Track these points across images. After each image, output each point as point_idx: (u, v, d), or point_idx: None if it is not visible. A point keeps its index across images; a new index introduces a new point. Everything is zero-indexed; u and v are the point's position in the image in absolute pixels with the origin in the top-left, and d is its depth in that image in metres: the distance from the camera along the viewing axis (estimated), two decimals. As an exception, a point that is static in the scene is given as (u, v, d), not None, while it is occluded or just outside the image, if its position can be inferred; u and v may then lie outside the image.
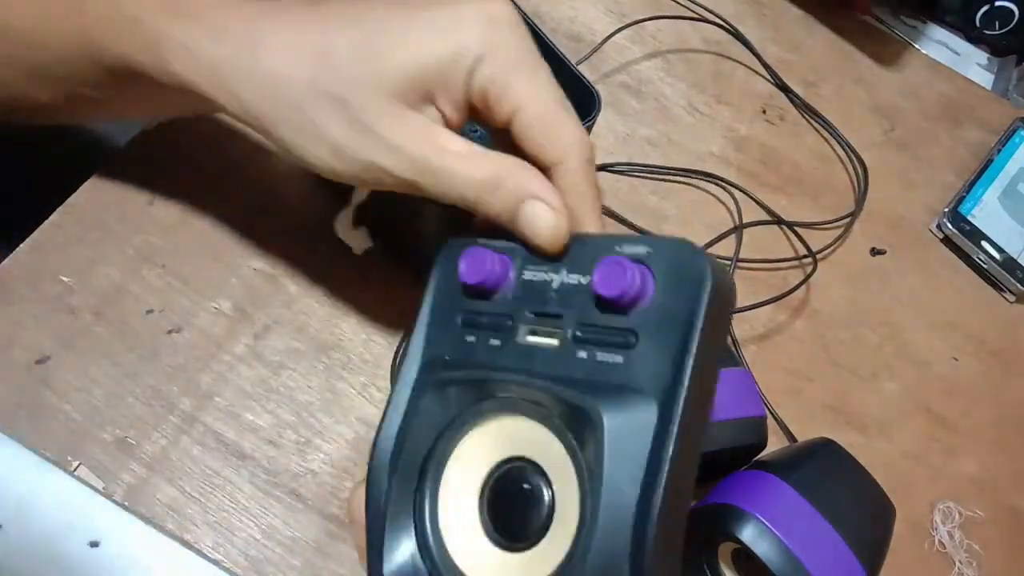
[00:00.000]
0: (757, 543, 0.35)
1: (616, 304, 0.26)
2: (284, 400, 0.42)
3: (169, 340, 0.42)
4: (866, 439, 0.50)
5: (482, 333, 0.29)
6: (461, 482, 0.28)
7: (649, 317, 0.26)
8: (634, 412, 0.25)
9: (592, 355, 0.27)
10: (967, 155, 0.64)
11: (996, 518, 0.50)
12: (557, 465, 0.26)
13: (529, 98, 0.30)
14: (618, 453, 0.24)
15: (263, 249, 0.45)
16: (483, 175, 0.30)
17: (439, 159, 0.30)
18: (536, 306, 0.28)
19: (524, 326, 0.28)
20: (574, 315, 0.27)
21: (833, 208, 0.58)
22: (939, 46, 0.72)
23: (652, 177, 0.56)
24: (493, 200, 0.30)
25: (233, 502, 0.39)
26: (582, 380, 0.26)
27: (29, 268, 0.42)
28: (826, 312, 0.54)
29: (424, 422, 0.29)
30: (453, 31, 0.30)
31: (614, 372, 0.26)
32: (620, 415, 0.25)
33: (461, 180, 0.30)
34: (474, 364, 0.29)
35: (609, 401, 0.25)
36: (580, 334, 0.27)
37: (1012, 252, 0.59)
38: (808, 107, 0.62)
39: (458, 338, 0.30)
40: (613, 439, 0.25)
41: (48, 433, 0.39)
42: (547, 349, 0.28)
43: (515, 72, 0.30)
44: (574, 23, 0.61)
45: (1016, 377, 0.55)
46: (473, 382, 0.28)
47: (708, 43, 0.64)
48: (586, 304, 0.27)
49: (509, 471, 0.28)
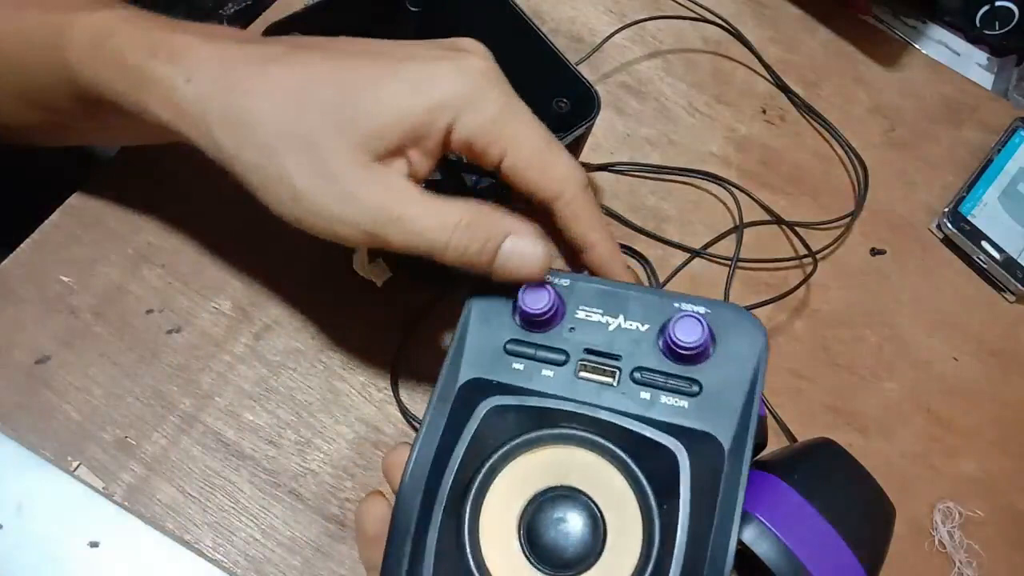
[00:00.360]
0: (757, 543, 0.35)
1: (687, 354, 0.29)
2: (284, 400, 0.42)
3: (169, 340, 0.42)
4: (866, 439, 0.50)
5: (533, 363, 0.30)
6: (504, 505, 0.28)
7: (712, 370, 0.29)
8: (708, 454, 0.27)
9: (656, 396, 0.29)
10: (967, 155, 0.64)
11: (996, 518, 0.50)
12: (614, 497, 0.27)
13: (517, 142, 0.31)
14: (695, 488, 0.27)
15: (263, 249, 0.45)
16: (451, 220, 0.30)
17: (399, 208, 0.30)
18: (591, 345, 0.30)
19: (578, 362, 0.30)
20: (633, 358, 0.29)
21: (833, 208, 0.58)
22: (939, 46, 0.72)
23: (652, 177, 0.56)
24: (467, 244, 0.30)
25: (233, 502, 0.39)
26: (649, 418, 0.28)
27: (29, 268, 0.42)
28: (826, 312, 0.54)
29: (473, 445, 0.29)
30: (430, 87, 0.30)
31: (680, 415, 0.28)
32: (696, 455, 0.27)
33: (427, 227, 0.30)
34: (530, 392, 0.29)
35: (686, 441, 0.27)
36: (640, 376, 0.29)
37: (1012, 252, 0.59)
38: (808, 107, 0.62)
39: (504, 364, 0.30)
40: (690, 477, 0.27)
41: (48, 433, 0.39)
42: (605, 386, 0.29)
43: (499, 121, 0.31)
44: (574, 23, 0.61)
45: (1016, 377, 0.55)
46: (535, 409, 0.29)
47: (708, 43, 0.64)
48: (648, 350, 0.30)
49: (554, 498, 0.28)
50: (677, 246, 0.53)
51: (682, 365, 0.29)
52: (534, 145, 0.31)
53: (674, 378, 0.29)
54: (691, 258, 0.53)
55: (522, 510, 0.28)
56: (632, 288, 0.31)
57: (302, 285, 0.45)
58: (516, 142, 0.31)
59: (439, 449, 0.29)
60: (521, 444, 0.29)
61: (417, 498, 0.28)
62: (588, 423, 0.29)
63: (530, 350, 0.30)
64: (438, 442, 0.29)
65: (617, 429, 0.28)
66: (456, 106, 0.30)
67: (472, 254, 0.30)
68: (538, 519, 0.28)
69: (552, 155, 0.32)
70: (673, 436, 0.28)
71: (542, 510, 0.28)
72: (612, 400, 0.29)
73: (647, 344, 0.30)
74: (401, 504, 0.28)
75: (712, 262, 0.54)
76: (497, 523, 0.28)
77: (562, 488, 0.28)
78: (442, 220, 0.30)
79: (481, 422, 0.29)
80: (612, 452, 0.28)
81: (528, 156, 0.31)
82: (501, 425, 0.29)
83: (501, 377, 0.30)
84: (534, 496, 0.28)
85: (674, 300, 0.30)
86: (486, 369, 0.30)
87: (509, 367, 0.30)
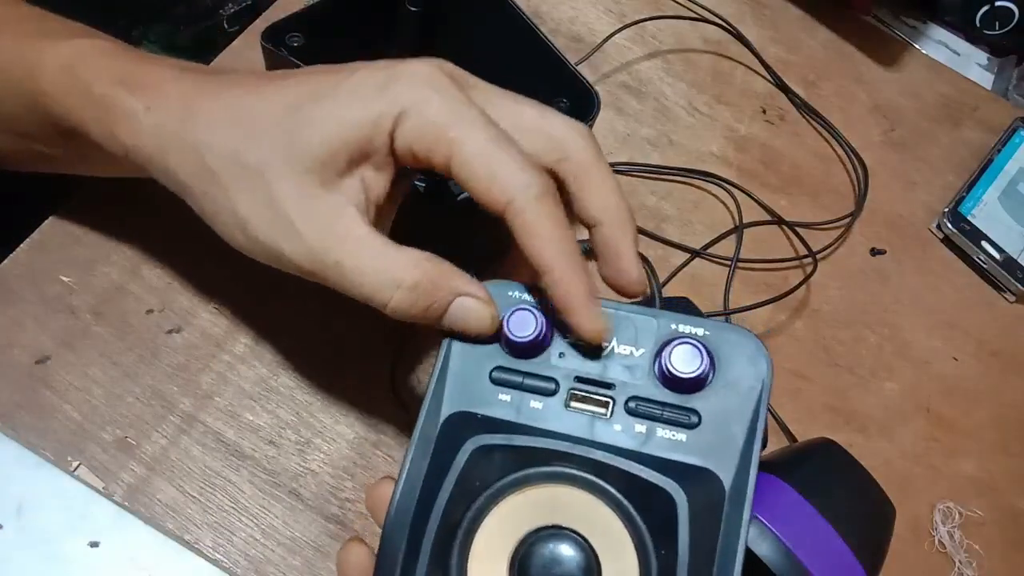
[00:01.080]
0: (757, 543, 0.35)
1: (684, 383, 0.27)
2: (284, 400, 0.42)
3: (169, 340, 0.42)
4: (866, 439, 0.50)
5: (521, 394, 0.28)
6: (493, 547, 0.27)
7: (712, 399, 0.27)
8: (707, 493, 0.26)
9: (652, 429, 0.27)
10: (967, 155, 0.64)
11: (996, 518, 0.50)
12: (610, 539, 0.26)
13: (460, 144, 0.28)
14: (694, 533, 0.25)
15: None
16: (396, 277, 0.28)
17: (340, 252, 0.28)
18: (582, 372, 0.28)
19: (569, 391, 0.28)
20: (627, 387, 0.28)
21: (833, 208, 0.58)
22: (939, 46, 0.72)
23: (652, 177, 0.56)
24: (411, 305, 0.28)
25: (233, 502, 0.39)
26: (646, 455, 0.27)
27: (29, 268, 0.42)
28: (826, 312, 0.54)
29: (459, 487, 0.27)
30: (375, 97, 0.29)
31: (676, 449, 0.26)
32: (694, 495, 0.25)
33: (368, 282, 0.28)
34: (516, 427, 0.28)
35: (683, 480, 0.26)
36: (635, 406, 0.27)
37: (1012, 252, 0.59)
38: (808, 107, 0.62)
39: (489, 395, 0.28)
40: (688, 518, 0.25)
41: (48, 433, 0.39)
42: (597, 418, 0.27)
43: (440, 124, 0.28)
44: (574, 23, 0.61)
45: (1016, 377, 0.55)
46: (523, 448, 0.27)
47: (708, 43, 0.64)
48: (644, 378, 0.28)
49: (546, 538, 0.26)
50: (677, 246, 0.54)
51: (679, 394, 0.27)
52: (478, 146, 0.28)
53: (671, 408, 0.27)
54: (691, 258, 0.53)
55: (514, 551, 0.26)
56: (624, 309, 0.29)
57: (302, 285, 0.45)
58: (459, 144, 0.28)
59: (423, 491, 0.27)
60: (510, 483, 0.27)
61: (402, 544, 0.26)
62: (580, 462, 0.27)
63: (517, 378, 0.28)
64: (422, 483, 0.27)
65: (612, 469, 0.26)
66: (394, 113, 0.28)
67: (415, 315, 0.29)
68: (531, 562, 0.26)
69: (500, 156, 0.28)
70: (671, 475, 0.26)
71: (535, 552, 0.26)
72: (605, 434, 0.27)
73: (642, 371, 0.28)
74: (385, 549, 0.27)
75: (712, 262, 0.54)
76: (487, 567, 0.26)
77: (555, 528, 0.26)
78: (387, 276, 0.28)
79: (467, 463, 0.27)
80: (608, 493, 0.26)
81: (471, 158, 0.28)
82: (488, 465, 0.27)
83: (487, 410, 0.28)
84: (526, 536, 0.26)
85: (671, 322, 0.28)
86: (471, 401, 0.28)
87: (495, 398, 0.28)
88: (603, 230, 0.30)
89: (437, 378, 0.29)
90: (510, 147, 0.29)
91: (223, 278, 0.44)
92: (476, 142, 0.28)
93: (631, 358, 0.28)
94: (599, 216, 0.30)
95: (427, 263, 0.29)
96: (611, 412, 0.27)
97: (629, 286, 0.30)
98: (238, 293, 0.44)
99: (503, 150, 0.28)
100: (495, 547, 0.27)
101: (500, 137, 0.29)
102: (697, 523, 0.25)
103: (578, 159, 0.30)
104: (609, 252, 0.30)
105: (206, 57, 0.52)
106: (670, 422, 0.27)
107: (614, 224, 0.30)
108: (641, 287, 0.30)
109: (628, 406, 0.27)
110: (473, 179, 0.28)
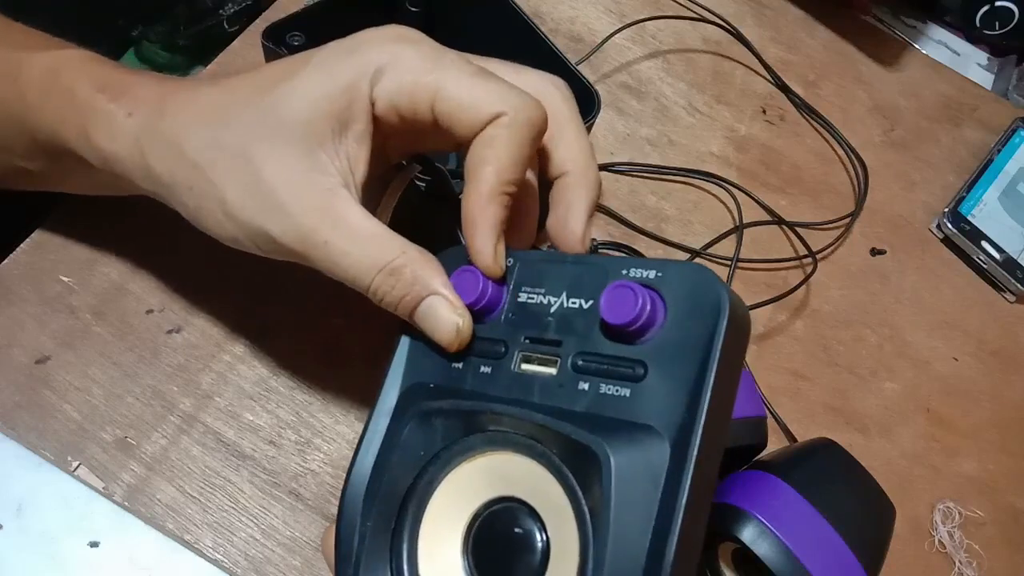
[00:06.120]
0: (757, 543, 0.35)
1: (623, 332, 0.24)
2: (284, 400, 0.42)
3: (169, 340, 0.42)
4: (866, 439, 0.50)
5: (471, 359, 0.27)
6: (444, 523, 0.26)
7: (659, 347, 0.24)
8: (644, 452, 0.23)
9: (595, 387, 0.25)
10: (967, 155, 0.64)
11: (996, 518, 0.50)
12: (553, 507, 0.24)
13: (441, 84, 0.28)
14: (626, 496, 0.22)
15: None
16: (379, 261, 0.28)
17: (329, 231, 0.28)
18: (532, 331, 0.26)
19: (518, 352, 0.26)
20: (575, 342, 0.26)
21: (833, 208, 0.58)
22: (939, 46, 0.72)
23: (652, 177, 0.56)
24: (387, 291, 0.28)
25: (233, 502, 0.39)
26: (584, 414, 0.24)
27: (29, 268, 0.42)
28: (826, 312, 0.54)
29: (405, 456, 0.26)
30: (346, 61, 0.29)
31: (620, 406, 0.24)
32: (629, 455, 0.23)
33: (352, 264, 0.28)
34: (463, 393, 0.27)
35: (616, 439, 0.23)
36: (581, 363, 0.25)
37: (1012, 252, 0.59)
38: (808, 107, 0.62)
39: (443, 364, 0.28)
40: (621, 481, 0.22)
41: (48, 433, 0.39)
42: (544, 378, 0.26)
43: (419, 71, 0.28)
44: (574, 23, 0.61)
45: (1016, 377, 0.55)
46: (461, 413, 0.26)
47: (708, 43, 0.64)
48: (589, 331, 0.25)
49: (497, 512, 0.25)
50: (677, 246, 0.54)
51: (626, 345, 0.24)
52: (461, 80, 0.28)
53: (615, 361, 0.24)
54: (691, 258, 0.53)
55: (465, 531, 0.26)
56: (574, 258, 0.27)
57: (302, 285, 0.45)
58: (441, 82, 0.28)
59: (377, 464, 0.27)
60: (457, 452, 0.26)
61: (357, 515, 0.26)
62: (521, 426, 0.25)
63: (470, 344, 0.27)
64: (376, 456, 0.27)
65: (550, 432, 0.24)
66: (369, 73, 0.28)
67: (389, 302, 0.29)
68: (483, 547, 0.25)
69: (486, 84, 0.28)
70: (603, 435, 0.23)
71: (485, 535, 0.25)
72: (547, 395, 0.25)
73: (589, 323, 0.25)
74: (342, 524, 0.26)
75: (712, 262, 0.54)
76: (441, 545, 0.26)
77: (503, 501, 0.25)
78: (371, 260, 0.28)
79: (407, 431, 0.26)
80: (548, 458, 0.24)
81: (455, 92, 0.28)
82: (430, 433, 0.26)
83: (439, 380, 0.27)
84: (476, 514, 0.26)
85: (622, 266, 0.25)
86: (425, 372, 0.28)
87: (449, 367, 0.27)
88: (565, 180, 0.30)
89: (396, 352, 0.29)
90: (493, 76, 0.29)
91: (223, 278, 0.44)
92: (458, 76, 0.28)
93: (579, 310, 0.26)
94: (564, 167, 0.30)
95: (414, 252, 0.29)
96: (559, 371, 0.26)
97: (567, 241, 0.30)
98: (238, 293, 0.44)
99: (488, 79, 0.28)
100: (446, 523, 0.26)
101: (482, 71, 0.29)
102: (632, 486, 0.22)
103: (553, 111, 0.30)
104: (561, 204, 0.30)
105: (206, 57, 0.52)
106: (614, 376, 0.24)
107: (577, 176, 0.30)
108: (581, 249, 0.30)
109: (576, 364, 0.25)
110: (458, 109, 0.28)
